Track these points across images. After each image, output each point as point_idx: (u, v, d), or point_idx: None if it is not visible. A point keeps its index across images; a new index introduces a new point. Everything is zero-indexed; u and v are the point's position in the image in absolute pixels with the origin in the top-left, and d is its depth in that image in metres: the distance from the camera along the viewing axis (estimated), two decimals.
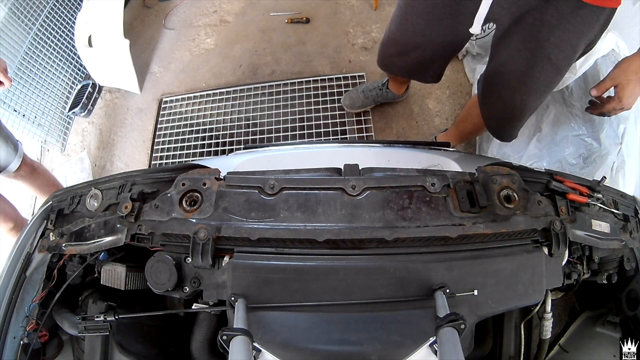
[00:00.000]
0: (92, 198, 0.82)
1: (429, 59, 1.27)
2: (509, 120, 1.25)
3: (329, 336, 0.68)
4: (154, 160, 2.28)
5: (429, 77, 1.37)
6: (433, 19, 1.11)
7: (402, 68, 1.40)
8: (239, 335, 0.57)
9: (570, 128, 1.53)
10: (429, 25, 1.13)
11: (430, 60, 1.28)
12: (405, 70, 1.40)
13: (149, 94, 2.50)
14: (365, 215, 0.71)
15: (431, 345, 0.63)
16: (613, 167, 1.35)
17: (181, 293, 0.72)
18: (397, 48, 1.30)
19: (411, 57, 1.28)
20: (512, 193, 0.76)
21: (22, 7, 2.22)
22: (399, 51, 1.30)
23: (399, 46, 1.28)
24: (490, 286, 0.70)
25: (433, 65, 1.32)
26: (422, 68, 1.33)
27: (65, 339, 0.87)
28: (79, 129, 2.53)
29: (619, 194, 0.91)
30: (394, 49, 1.32)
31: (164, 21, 2.74)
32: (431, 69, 1.34)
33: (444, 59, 1.30)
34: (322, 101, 2.22)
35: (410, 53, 1.27)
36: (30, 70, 2.28)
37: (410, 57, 1.28)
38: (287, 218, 0.71)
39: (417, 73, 1.40)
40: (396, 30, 1.24)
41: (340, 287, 0.69)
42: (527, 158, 1.63)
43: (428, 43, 1.19)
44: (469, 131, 1.67)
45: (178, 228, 0.71)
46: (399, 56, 1.32)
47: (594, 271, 0.88)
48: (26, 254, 0.86)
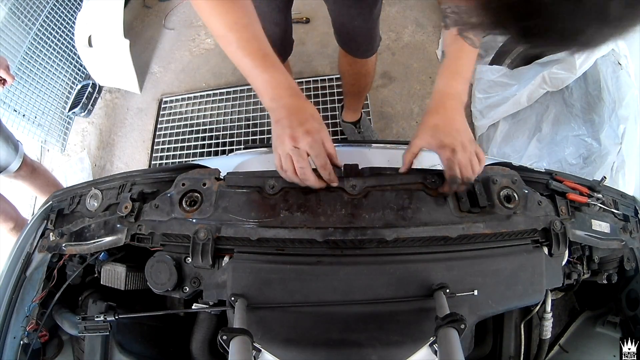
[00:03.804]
0: (92, 198, 0.82)
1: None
2: (369, 39, 1.34)
3: (329, 336, 0.68)
4: (154, 160, 2.28)
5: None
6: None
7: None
8: (239, 335, 0.57)
9: (570, 128, 1.53)
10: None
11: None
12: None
13: (149, 94, 2.50)
14: (365, 215, 0.71)
15: (431, 345, 0.63)
16: (613, 167, 1.35)
17: (181, 293, 0.72)
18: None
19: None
20: (512, 193, 0.76)
21: (22, 7, 2.22)
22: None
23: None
24: (490, 286, 0.70)
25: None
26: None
27: (65, 339, 0.87)
28: (79, 129, 2.53)
29: (619, 194, 0.91)
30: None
31: (164, 21, 2.74)
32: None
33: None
34: (322, 101, 2.22)
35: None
36: (30, 70, 2.28)
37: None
38: (287, 218, 0.71)
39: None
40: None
41: (340, 287, 0.69)
42: (527, 158, 1.63)
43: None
44: (354, 89, 1.73)
45: (178, 228, 0.71)
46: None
47: (594, 271, 0.88)
48: (26, 254, 0.86)
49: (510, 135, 1.76)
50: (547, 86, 1.52)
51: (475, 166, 0.73)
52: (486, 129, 1.86)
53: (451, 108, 0.74)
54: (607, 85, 1.39)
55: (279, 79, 0.71)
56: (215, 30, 0.72)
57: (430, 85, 2.19)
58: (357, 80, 1.63)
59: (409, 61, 2.27)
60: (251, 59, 0.70)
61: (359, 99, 1.84)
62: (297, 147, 0.67)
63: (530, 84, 1.57)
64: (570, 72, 1.42)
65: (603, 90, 1.40)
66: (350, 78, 1.64)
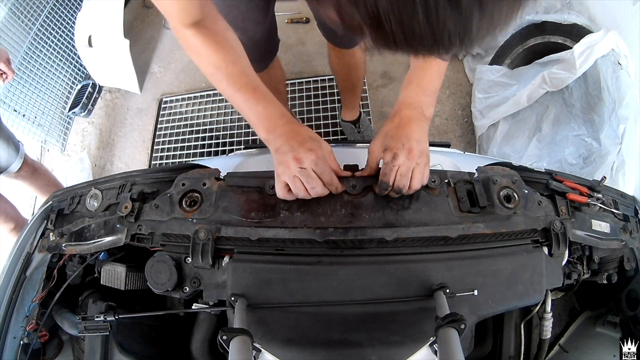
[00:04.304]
0: (92, 198, 0.82)
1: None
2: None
3: (329, 336, 0.68)
4: (154, 160, 2.28)
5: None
6: None
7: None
8: (239, 335, 0.57)
9: (570, 128, 1.53)
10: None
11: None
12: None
13: (149, 94, 2.50)
14: (365, 215, 0.71)
15: (431, 345, 0.63)
16: (613, 167, 1.35)
17: (181, 293, 0.72)
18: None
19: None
20: (512, 193, 0.76)
21: (22, 7, 2.22)
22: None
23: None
24: (490, 286, 0.70)
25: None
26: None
27: (65, 339, 0.87)
28: (79, 129, 2.53)
29: (619, 194, 0.91)
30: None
31: (164, 21, 2.74)
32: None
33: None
34: (322, 101, 2.22)
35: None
36: (30, 70, 2.28)
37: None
38: (287, 218, 0.71)
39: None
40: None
41: (340, 287, 0.69)
42: (527, 158, 1.63)
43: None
44: (347, 84, 1.75)
45: (178, 228, 0.71)
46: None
47: (594, 271, 0.88)
48: (26, 254, 0.86)
49: (510, 135, 1.76)
50: (547, 86, 1.52)
51: (415, 180, 0.70)
52: (486, 129, 1.86)
53: (407, 116, 0.73)
54: (607, 85, 1.39)
55: (271, 109, 0.72)
56: (204, 69, 0.74)
57: None
58: (348, 75, 1.65)
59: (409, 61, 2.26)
60: (242, 94, 0.72)
61: (353, 94, 1.85)
62: (303, 168, 0.67)
63: (530, 84, 1.57)
64: (570, 72, 1.42)
65: (603, 90, 1.40)
66: (341, 72, 1.66)
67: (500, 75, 1.79)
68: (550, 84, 1.50)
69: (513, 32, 1.79)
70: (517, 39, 1.77)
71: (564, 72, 1.44)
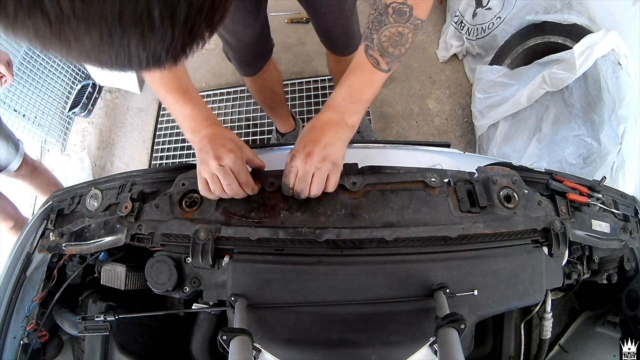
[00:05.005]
0: (92, 198, 0.82)
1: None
2: (345, 37, 1.38)
3: (329, 336, 0.68)
4: (154, 160, 2.28)
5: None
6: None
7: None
8: (239, 335, 0.57)
9: (570, 128, 1.53)
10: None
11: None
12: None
13: (149, 94, 2.50)
14: (365, 215, 0.71)
15: (431, 345, 0.63)
16: (613, 167, 1.35)
17: (181, 293, 0.72)
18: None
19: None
20: (512, 193, 0.76)
21: None
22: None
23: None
24: (490, 286, 0.70)
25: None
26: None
27: (65, 339, 0.87)
28: (79, 129, 2.53)
29: (619, 194, 0.91)
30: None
31: None
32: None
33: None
34: (322, 101, 2.22)
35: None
36: (30, 70, 2.28)
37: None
38: (287, 218, 0.71)
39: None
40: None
41: (340, 287, 0.69)
42: (527, 158, 1.63)
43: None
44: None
45: (178, 228, 0.71)
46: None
47: (594, 271, 0.88)
48: (26, 253, 0.86)
49: (510, 135, 1.76)
50: (547, 86, 1.52)
51: (313, 185, 0.68)
52: (486, 129, 1.86)
53: (323, 119, 0.72)
54: (607, 85, 1.38)
55: (197, 112, 0.76)
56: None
57: (431, 85, 2.18)
58: None
59: (409, 61, 2.27)
60: (172, 95, 0.76)
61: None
62: (221, 165, 0.69)
63: (530, 84, 1.57)
64: (570, 72, 1.42)
65: (603, 90, 1.40)
66: (338, 77, 1.64)
67: (500, 75, 1.79)
68: (550, 84, 1.50)
69: (513, 32, 1.79)
70: (517, 39, 1.77)
71: (564, 72, 1.44)
